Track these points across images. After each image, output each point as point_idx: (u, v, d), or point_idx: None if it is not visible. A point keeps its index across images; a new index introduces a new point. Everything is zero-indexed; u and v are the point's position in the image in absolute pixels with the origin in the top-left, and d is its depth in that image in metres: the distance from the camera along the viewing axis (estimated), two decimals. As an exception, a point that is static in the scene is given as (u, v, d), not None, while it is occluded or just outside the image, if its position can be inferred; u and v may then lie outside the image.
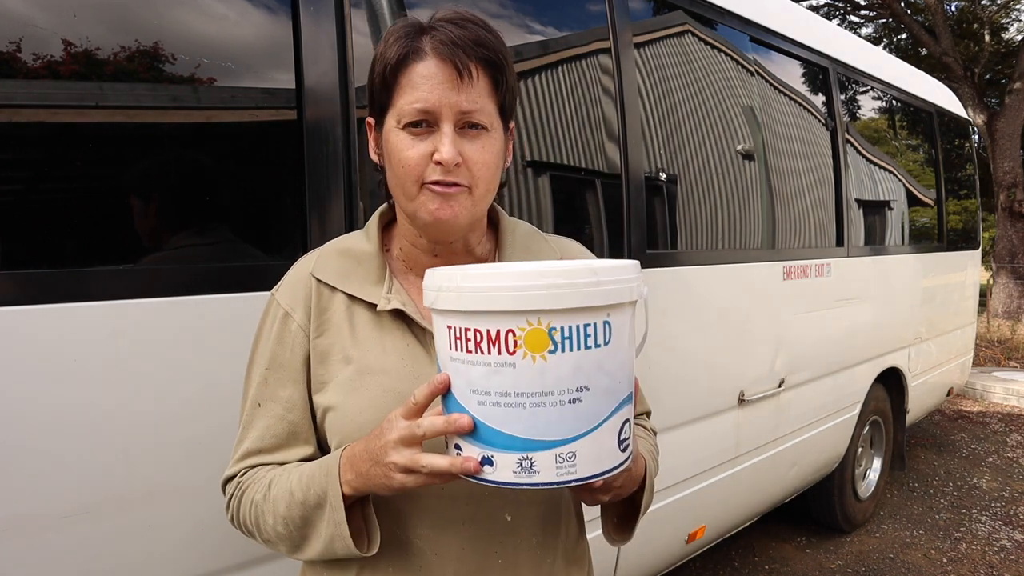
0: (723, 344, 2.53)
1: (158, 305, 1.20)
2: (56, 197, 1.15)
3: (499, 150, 0.90)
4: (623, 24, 2.14)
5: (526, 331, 0.69)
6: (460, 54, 0.84)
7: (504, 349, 0.70)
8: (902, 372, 3.98)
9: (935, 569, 3.42)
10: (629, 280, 0.74)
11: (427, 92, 0.84)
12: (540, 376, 0.70)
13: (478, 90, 0.85)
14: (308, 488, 0.86)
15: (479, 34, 0.86)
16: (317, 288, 0.95)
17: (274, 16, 1.39)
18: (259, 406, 0.95)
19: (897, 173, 3.98)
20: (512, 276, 0.70)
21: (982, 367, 7.85)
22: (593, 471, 0.73)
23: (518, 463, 0.71)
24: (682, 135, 2.38)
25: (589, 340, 0.71)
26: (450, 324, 0.73)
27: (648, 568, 2.41)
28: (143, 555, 1.21)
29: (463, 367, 0.73)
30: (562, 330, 0.69)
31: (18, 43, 1.08)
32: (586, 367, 0.71)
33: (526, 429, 0.71)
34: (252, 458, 0.94)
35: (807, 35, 3.12)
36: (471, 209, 0.88)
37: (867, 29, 15.39)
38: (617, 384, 0.74)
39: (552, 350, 0.70)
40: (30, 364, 1.09)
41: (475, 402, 0.73)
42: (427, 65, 0.84)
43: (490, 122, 0.87)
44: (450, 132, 0.84)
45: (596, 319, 0.71)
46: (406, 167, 0.86)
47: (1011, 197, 11.39)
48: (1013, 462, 4.98)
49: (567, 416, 0.71)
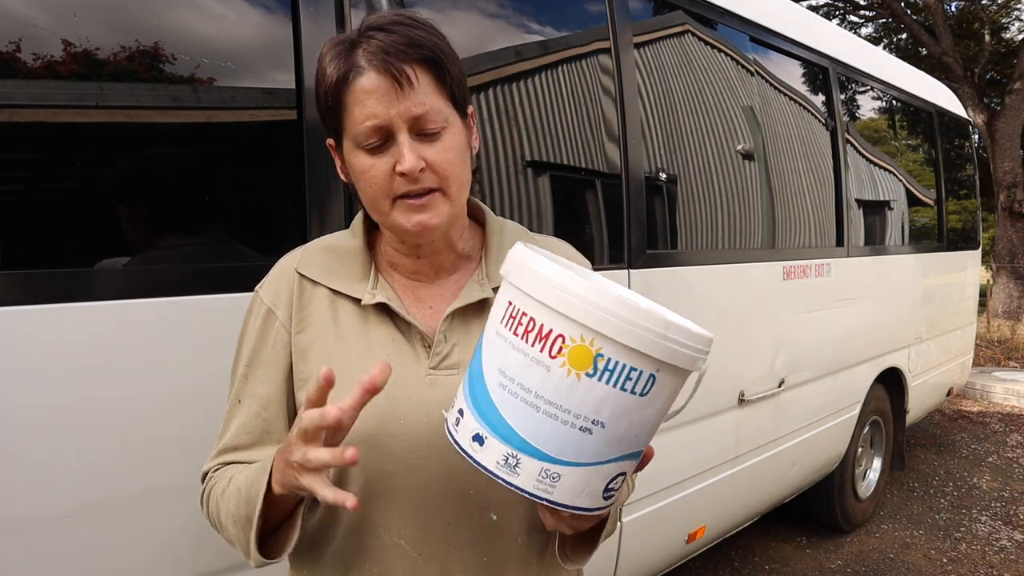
0: (723, 344, 2.53)
1: (159, 305, 1.20)
2: (56, 197, 1.15)
3: (461, 143, 0.88)
4: (623, 24, 2.14)
5: (575, 343, 0.69)
6: (394, 61, 0.82)
7: (547, 349, 0.69)
8: (902, 372, 3.98)
9: (935, 569, 3.42)
10: (696, 350, 0.72)
11: (373, 107, 0.82)
12: (567, 391, 0.69)
13: (423, 91, 0.84)
14: (252, 484, 0.83)
15: (409, 35, 0.84)
16: (300, 284, 0.94)
17: (274, 16, 1.39)
18: (239, 402, 0.94)
19: (897, 173, 3.98)
20: (588, 288, 0.69)
21: (982, 367, 7.85)
22: (568, 501, 0.72)
23: (505, 456, 0.71)
24: (682, 135, 2.38)
25: (628, 384, 0.70)
26: (511, 300, 0.73)
27: (648, 568, 2.41)
28: (143, 555, 1.21)
29: (503, 346, 0.72)
30: (608, 360, 0.69)
31: (18, 43, 1.08)
32: (612, 405, 0.70)
33: (529, 430, 0.70)
34: (227, 455, 0.94)
35: (807, 35, 3.12)
36: (449, 210, 0.88)
37: (867, 29, 15.40)
38: (634, 437, 0.73)
39: (590, 373, 0.69)
40: (30, 364, 1.09)
41: (497, 382, 0.72)
42: (368, 79, 0.83)
43: (444, 119, 0.86)
44: (406, 141, 0.83)
45: (645, 368, 0.70)
46: (373, 186, 0.85)
47: (1011, 197, 11.39)
48: (1013, 462, 4.98)
49: (572, 440, 0.70)
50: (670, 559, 2.53)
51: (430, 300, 0.96)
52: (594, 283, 0.71)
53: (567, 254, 1.05)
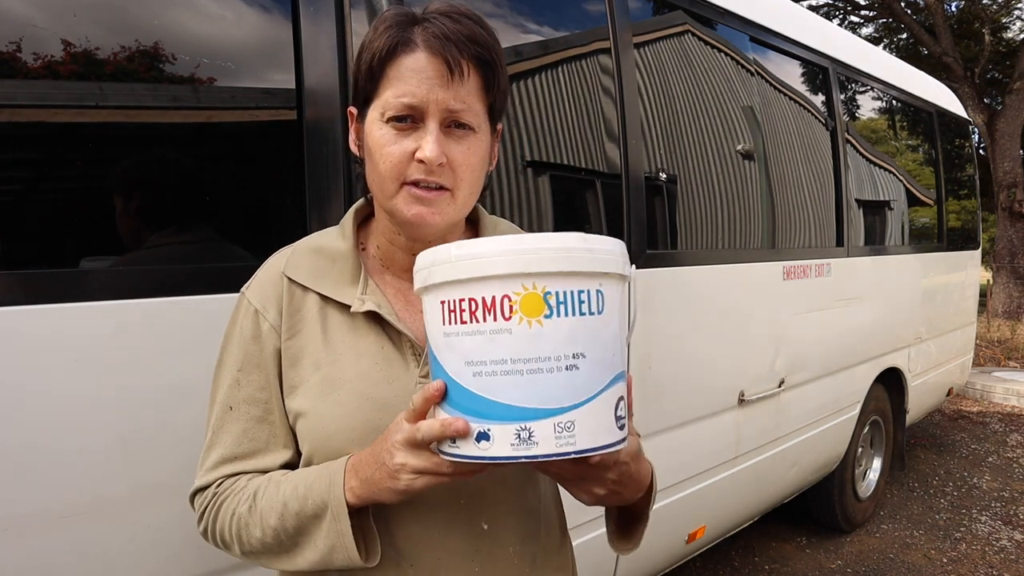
0: (723, 344, 2.53)
1: (158, 305, 1.20)
2: (56, 197, 1.15)
3: (484, 153, 0.87)
4: (623, 24, 2.14)
5: (521, 295, 0.70)
6: (452, 49, 0.80)
7: (500, 315, 0.70)
8: (902, 372, 3.98)
9: (935, 569, 3.42)
10: (617, 254, 0.76)
11: (415, 86, 0.81)
12: (536, 341, 0.70)
13: (468, 88, 0.82)
14: (305, 498, 0.82)
15: (474, 30, 0.83)
16: (289, 287, 0.91)
17: (274, 16, 1.39)
18: (231, 410, 0.90)
19: (897, 173, 3.98)
20: (506, 241, 0.71)
21: (982, 367, 7.85)
22: (592, 444, 0.72)
23: (516, 434, 0.70)
24: (682, 135, 2.38)
25: (583, 307, 0.72)
26: (443, 299, 0.73)
27: (648, 568, 2.41)
28: (143, 555, 1.21)
29: (457, 340, 0.73)
30: (557, 295, 0.71)
31: (18, 43, 1.08)
32: (581, 334, 0.72)
33: (524, 397, 0.70)
34: (227, 466, 0.89)
35: (807, 35, 3.12)
36: (453, 214, 0.86)
37: (867, 29, 15.39)
38: (612, 356, 0.75)
39: (548, 315, 0.70)
40: (30, 364, 1.09)
41: (470, 374, 0.72)
42: (417, 58, 0.81)
43: (478, 123, 0.84)
44: (435, 130, 0.81)
45: (589, 286, 0.72)
46: (387, 163, 0.83)
47: (1011, 197, 11.39)
48: (1013, 462, 4.98)
49: (564, 383, 0.71)
50: (670, 559, 2.53)
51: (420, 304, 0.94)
52: (506, 236, 0.73)
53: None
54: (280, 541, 0.85)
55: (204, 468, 0.91)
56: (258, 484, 0.87)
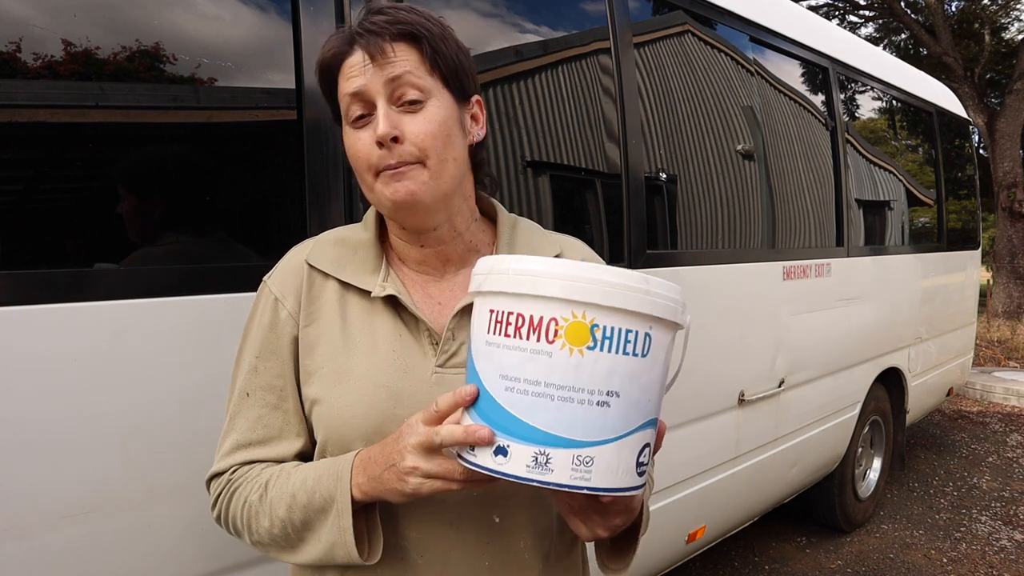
0: (723, 344, 2.53)
1: (158, 305, 1.20)
2: (56, 197, 1.15)
3: (445, 118, 0.88)
4: (623, 24, 2.14)
5: (569, 322, 0.69)
6: (374, 39, 0.85)
7: (544, 336, 0.70)
8: (902, 372, 3.98)
9: (935, 569, 3.42)
10: (676, 301, 0.74)
11: (354, 78, 0.86)
12: (574, 370, 0.70)
13: (401, 63, 0.85)
14: (313, 491, 0.83)
15: (396, 15, 0.87)
16: (309, 276, 0.93)
17: (274, 16, 1.39)
18: (247, 396, 0.92)
19: (897, 173, 3.98)
20: (565, 265, 0.71)
21: (982, 367, 7.85)
22: (607, 484, 0.71)
23: (534, 457, 0.70)
24: (682, 135, 2.38)
25: (628, 347, 0.71)
26: (493, 307, 0.73)
27: (648, 568, 2.41)
28: (143, 555, 1.21)
29: (497, 352, 0.72)
30: (604, 329, 0.70)
31: (18, 43, 1.08)
32: (620, 373, 0.71)
33: (549, 422, 0.70)
34: (241, 452, 0.91)
35: (807, 35, 3.12)
36: (430, 183, 0.86)
37: (867, 29, 15.39)
38: (647, 401, 0.74)
39: (591, 346, 0.69)
40: (30, 364, 1.09)
41: (502, 388, 0.72)
42: (353, 57, 0.87)
43: (427, 90, 0.86)
44: (384, 107, 0.85)
45: (639, 327, 0.71)
46: (357, 158, 0.87)
47: (1011, 197, 11.40)
48: (1013, 462, 4.98)
49: (593, 418, 0.70)
50: (670, 559, 2.53)
51: (439, 296, 0.95)
52: (567, 261, 0.73)
53: (583, 254, 1.04)
54: (287, 533, 0.86)
55: (220, 453, 0.93)
56: (271, 474, 0.89)
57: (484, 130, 0.96)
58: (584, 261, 0.92)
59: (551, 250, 1.00)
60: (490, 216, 1.01)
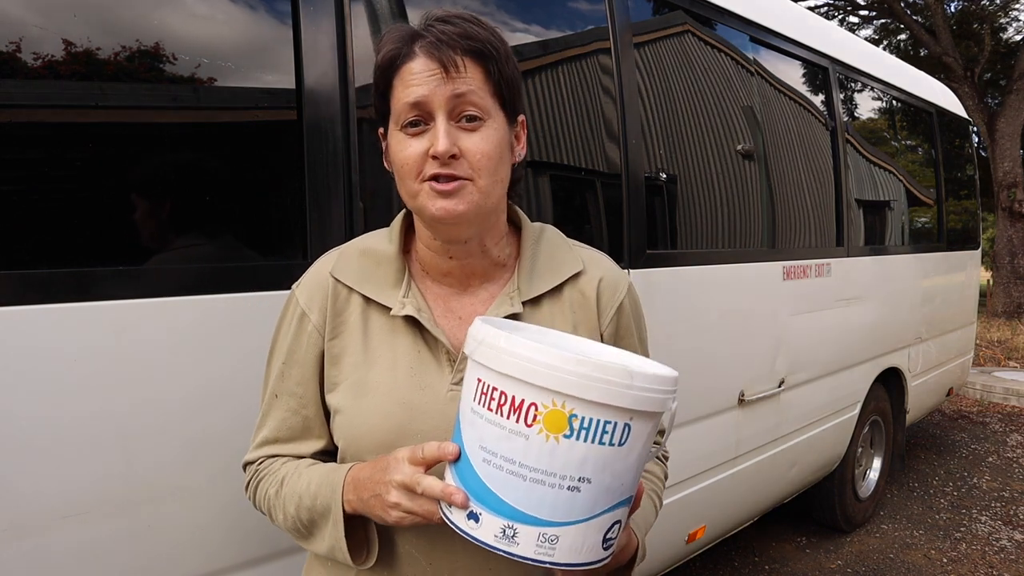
0: (723, 344, 2.53)
1: (158, 305, 1.20)
2: (56, 197, 1.15)
3: (500, 140, 0.88)
4: (623, 24, 2.14)
5: (549, 409, 0.71)
6: (446, 50, 0.84)
7: (523, 419, 0.71)
8: (902, 372, 3.98)
9: (935, 569, 3.42)
10: (662, 392, 0.74)
11: (417, 86, 0.84)
12: (548, 455, 0.71)
13: (468, 81, 0.85)
14: (315, 497, 0.89)
15: (466, 28, 0.86)
16: (335, 288, 0.95)
17: (274, 16, 1.39)
18: (276, 397, 0.98)
19: (897, 173, 3.98)
20: (550, 355, 0.71)
21: (982, 367, 7.85)
22: (570, 560, 0.74)
23: (502, 529, 0.73)
24: (682, 135, 2.38)
25: (605, 437, 0.72)
26: (480, 377, 0.75)
27: (648, 568, 2.41)
28: (143, 555, 1.21)
29: (480, 422, 0.74)
30: (583, 419, 0.71)
31: (18, 43, 1.08)
32: (594, 461, 0.72)
33: (519, 500, 0.72)
34: (269, 447, 0.99)
35: (807, 35, 3.12)
36: (478, 201, 0.87)
37: (867, 30, 15.39)
38: (619, 485, 0.75)
39: (567, 434, 0.71)
40: (30, 364, 1.09)
41: (480, 458, 0.74)
42: (416, 63, 0.85)
43: (487, 112, 0.87)
44: (443, 124, 0.84)
45: (619, 419, 0.72)
46: (405, 165, 0.86)
47: (1011, 197, 11.40)
48: (1013, 462, 4.98)
49: (561, 501, 0.72)
50: (670, 559, 2.53)
51: (460, 310, 0.96)
52: (556, 348, 0.73)
53: (606, 269, 1.02)
54: (298, 527, 0.93)
55: (253, 444, 1.01)
56: (287, 471, 0.94)
57: (524, 149, 0.97)
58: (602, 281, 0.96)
59: (573, 267, 0.99)
60: (515, 224, 1.02)
